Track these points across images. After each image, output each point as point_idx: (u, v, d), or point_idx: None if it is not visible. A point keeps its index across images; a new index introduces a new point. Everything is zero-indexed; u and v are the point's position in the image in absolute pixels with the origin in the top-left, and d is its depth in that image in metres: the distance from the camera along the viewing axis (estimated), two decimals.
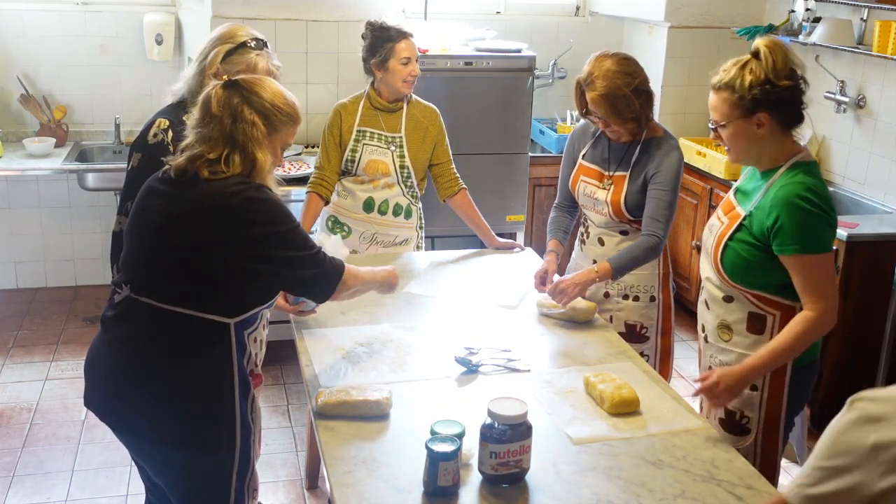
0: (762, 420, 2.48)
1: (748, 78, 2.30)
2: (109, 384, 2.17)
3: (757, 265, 2.36)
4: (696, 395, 2.41)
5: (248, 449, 2.23)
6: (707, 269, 2.54)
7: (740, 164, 2.49)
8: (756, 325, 2.43)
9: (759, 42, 2.34)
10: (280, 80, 2.69)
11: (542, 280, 2.96)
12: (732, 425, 2.51)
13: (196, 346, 2.12)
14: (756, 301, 2.41)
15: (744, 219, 2.38)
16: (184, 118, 2.66)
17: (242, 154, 2.11)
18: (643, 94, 2.85)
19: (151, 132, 2.64)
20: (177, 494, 2.26)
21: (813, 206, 2.27)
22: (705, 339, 2.58)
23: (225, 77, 2.21)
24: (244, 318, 2.17)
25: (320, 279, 2.22)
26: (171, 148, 2.58)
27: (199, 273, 2.09)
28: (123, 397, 2.15)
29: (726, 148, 2.43)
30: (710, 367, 2.55)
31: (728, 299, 2.46)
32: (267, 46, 2.75)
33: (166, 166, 2.19)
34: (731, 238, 2.39)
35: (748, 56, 2.35)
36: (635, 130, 2.90)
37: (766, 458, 2.50)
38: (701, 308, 2.60)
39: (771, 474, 2.50)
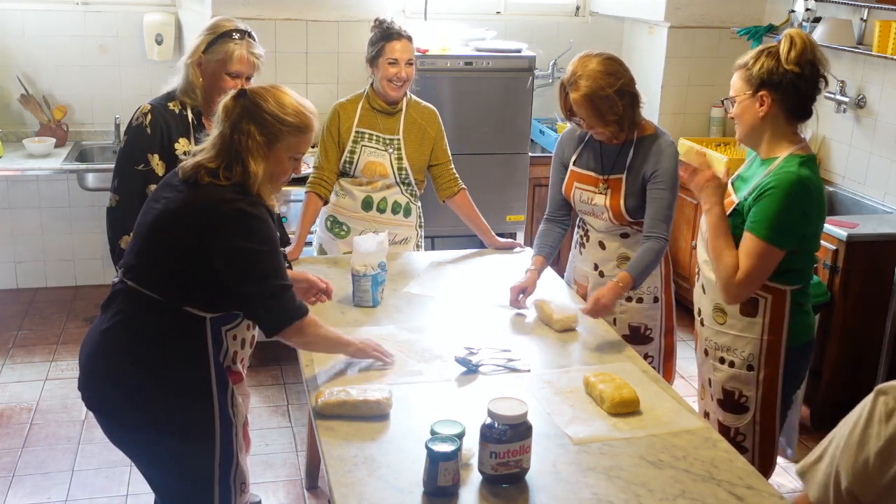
0: (760, 399, 2.56)
1: (762, 59, 2.42)
2: (93, 366, 2.23)
3: None
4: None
5: (231, 442, 2.26)
6: (704, 253, 2.60)
7: (745, 145, 2.58)
8: (749, 307, 2.51)
9: (789, 31, 2.45)
10: (260, 69, 2.87)
11: (517, 295, 2.91)
12: (731, 405, 2.60)
13: (172, 335, 2.18)
14: None
15: (737, 205, 2.47)
16: (170, 105, 2.85)
17: (238, 164, 2.15)
18: (627, 95, 2.80)
19: (135, 116, 2.84)
20: (160, 486, 2.31)
21: (796, 206, 2.35)
22: (701, 322, 2.66)
23: (239, 85, 2.35)
24: (220, 315, 2.23)
25: (276, 312, 2.21)
26: (148, 131, 2.78)
27: (181, 267, 2.15)
28: (105, 380, 2.21)
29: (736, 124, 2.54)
30: (705, 352, 2.65)
31: None
32: (251, 37, 2.87)
33: (180, 165, 2.27)
34: None
35: (777, 44, 2.45)
36: (618, 133, 2.86)
37: (764, 436, 2.59)
38: (697, 292, 2.68)
39: (770, 451, 2.62)
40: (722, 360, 2.60)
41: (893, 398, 1.48)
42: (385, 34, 3.40)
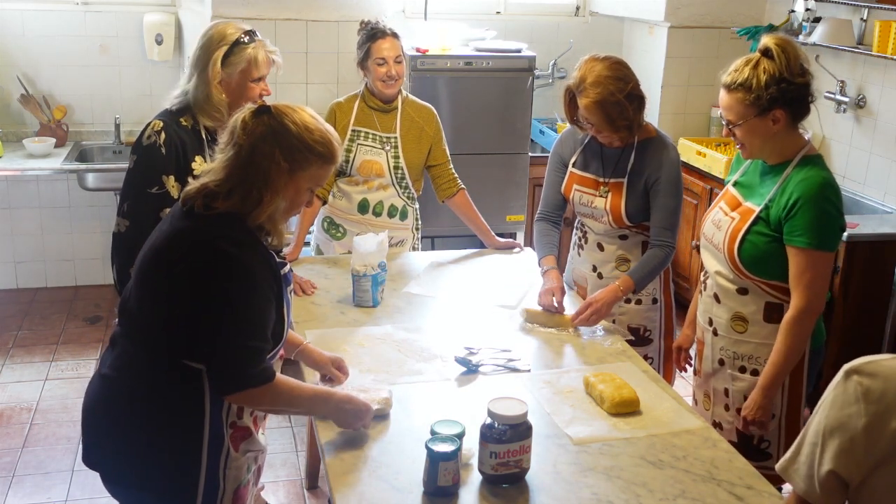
0: (786, 403, 2.53)
1: (763, 77, 2.34)
2: (90, 419, 2.06)
3: (775, 256, 2.41)
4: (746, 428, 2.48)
5: None
6: (716, 263, 2.57)
7: (753, 160, 2.53)
8: (773, 314, 2.48)
9: (768, 40, 2.38)
10: (280, 65, 2.73)
11: (551, 299, 2.84)
12: (752, 450, 2.54)
13: (165, 390, 1.95)
14: (772, 291, 2.46)
15: (760, 212, 2.42)
16: (182, 121, 2.67)
17: (251, 190, 1.91)
18: (636, 99, 2.79)
19: (146, 134, 2.63)
20: None
21: (831, 206, 2.35)
22: (714, 332, 2.60)
23: (259, 101, 2.09)
24: None
25: (234, 374, 1.91)
26: (162, 150, 2.59)
27: (162, 313, 1.92)
28: (98, 433, 2.04)
29: (738, 145, 2.48)
30: (720, 362, 2.60)
31: (742, 291, 2.51)
32: (257, 35, 2.72)
33: (184, 190, 2.02)
34: (748, 232, 2.43)
35: (757, 55, 2.39)
36: (627, 137, 2.85)
37: (789, 440, 2.53)
38: (707, 302, 2.63)
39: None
40: (742, 370, 2.55)
41: (868, 376, 1.45)
42: (370, 35, 3.39)
